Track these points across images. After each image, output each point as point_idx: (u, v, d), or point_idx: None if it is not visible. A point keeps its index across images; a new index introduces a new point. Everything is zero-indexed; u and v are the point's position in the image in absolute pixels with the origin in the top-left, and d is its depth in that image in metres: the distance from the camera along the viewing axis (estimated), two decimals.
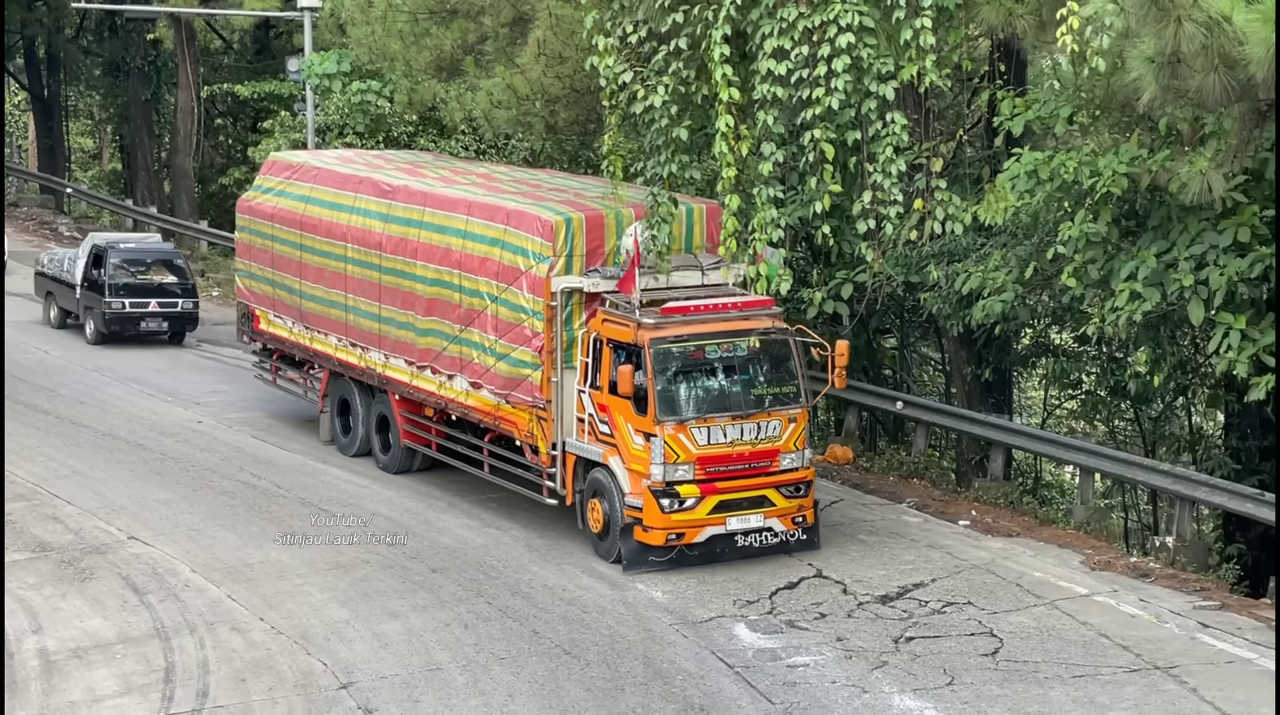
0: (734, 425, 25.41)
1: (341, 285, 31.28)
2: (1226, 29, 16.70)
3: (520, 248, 26.75)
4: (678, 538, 25.40)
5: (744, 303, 26.10)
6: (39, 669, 23.95)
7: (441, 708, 21.99)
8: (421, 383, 29.70)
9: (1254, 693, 21.77)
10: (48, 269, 46.05)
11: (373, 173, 31.62)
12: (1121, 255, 26.42)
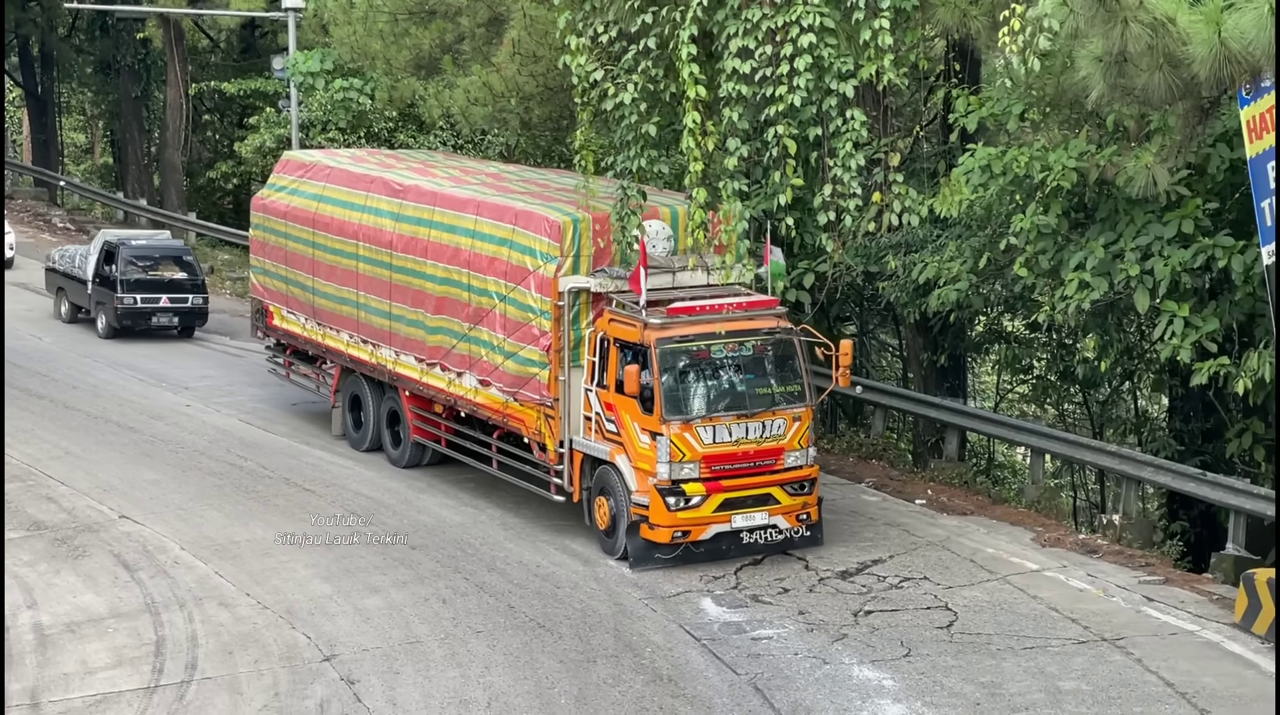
0: (739, 424, 24.72)
1: (353, 283, 30.71)
2: (1171, 30, 16.74)
3: (528, 247, 26.13)
4: (683, 535, 24.73)
5: (749, 303, 25.48)
6: (34, 642, 23.91)
7: (421, 679, 22.00)
8: (431, 380, 29.08)
9: (1196, 663, 21.86)
10: (58, 265, 45.36)
11: (384, 172, 31.08)
12: (1070, 246, 26.48)
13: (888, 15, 21.08)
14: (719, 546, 24.87)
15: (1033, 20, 19.40)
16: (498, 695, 21.45)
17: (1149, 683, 21.15)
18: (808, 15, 20.84)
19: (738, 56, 21.33)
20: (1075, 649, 22.34)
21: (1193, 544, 28.88)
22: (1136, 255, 25.51)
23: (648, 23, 22.06)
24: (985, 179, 27.01)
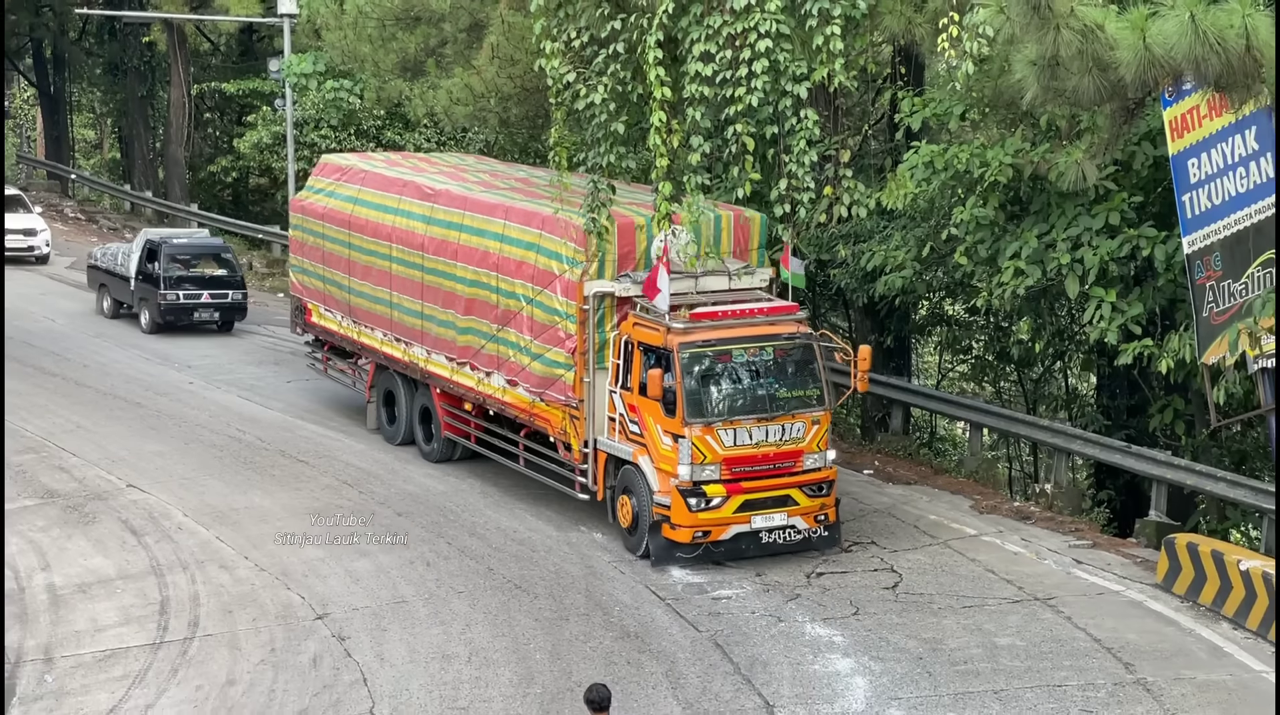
0: (759, 427, 23.49)
1: (387, 283, 29.73)
2: (1100, 36, 16.75)
3: (555, 252, 25.02)
4: (704, 535, 23.45)
5: (770, 308, 24.40)
6: (47, 602, 23.87)
7: (407, 635, 22.00)
8: (461, 378, 27.91)
9: (1121, 620, 21.96)
10: (100, 262, 43.87)
11: (416, 176, 30.00)
12: (1007, 236, 26.55)
13: (839, 22, 21.09)
14: (739, 546, 23.69)
15: (970, 27, 19.42)
16: (478, 650, 21.46)
17: (1078, 639, 21.25)
18: (765, 22, 20.84)
19: (700, 60, 21.32)
20: (1010, 608, 22.42)
21: (1118, 511, 29.00)
22: (1067, 245, 25.59)
23: (616, 29, 22.04)
24: (928, 174, 27.07)
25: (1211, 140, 22.78)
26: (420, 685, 20.52)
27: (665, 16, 21.18)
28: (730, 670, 20.56)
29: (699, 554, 23.47)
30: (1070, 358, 32.43)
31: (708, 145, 22.04)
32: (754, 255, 25.33)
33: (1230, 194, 22.69)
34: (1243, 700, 19.39)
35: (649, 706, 19.55)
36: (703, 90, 21.43)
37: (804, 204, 22.33)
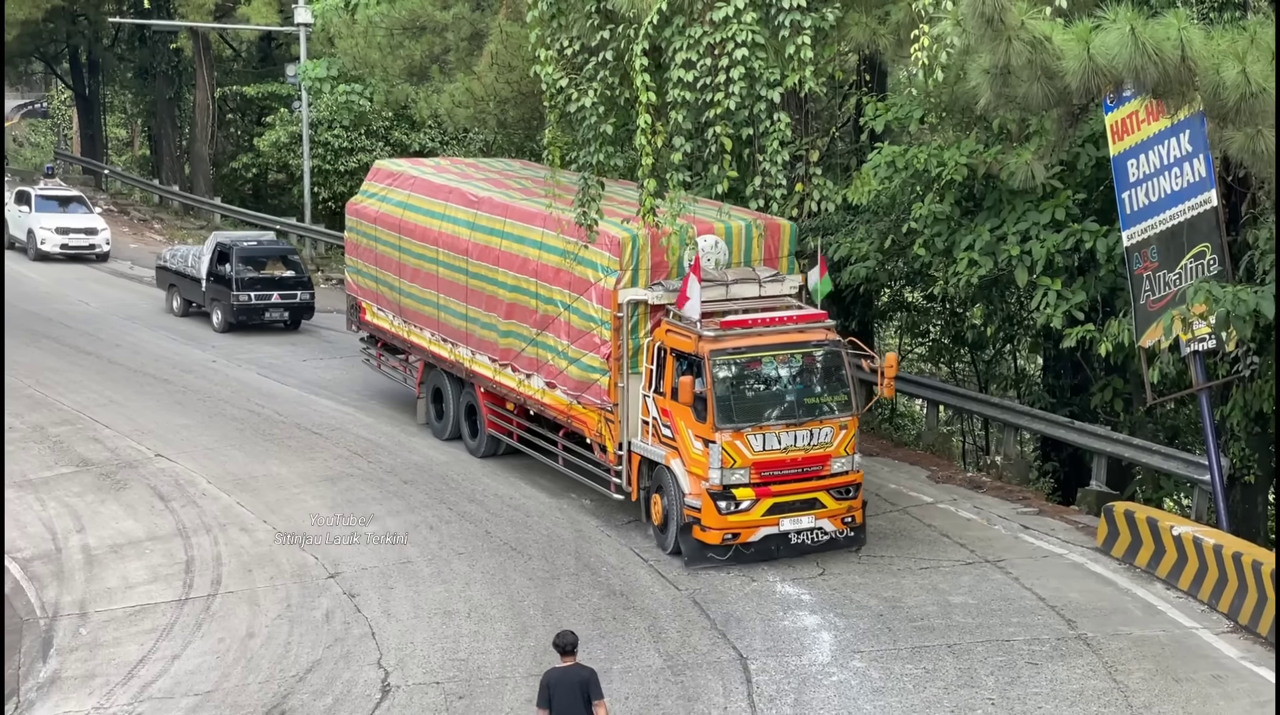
0: (788, 432, 22.03)
1: (434, 286, 28.64)
2: (1048, 47, 16.75)
3: (590, 261, 23.76)
4: (734, 537, 21.97)
5: (799, 316, 22.86)
6: (82, 561, 23.87)
7: (411, 593, 22.01)
8: (503, 379, 26.58)
9: (1064, 580, 22.01)
10: (170, 264, 42.22)
11: (462, 183, 28.67)
12: (961, 230, 26.56)
13: (809, 33, 21.07)
14: (769, 547, 22.23)
15: (935, 38, 19.42)
16: (476, 607, 21.48)
17: (1025, 597, 21.29)
18: (742, 33, 20.82)
19: (682, 67, 21.30)
20: (963, 569, 22.46)
21: (1062, 481, 29.05)
22: (1017, 238, 25.61)
23: (605, 38, 22.02)
24: (890, 173, 27.06)
25: (1149, 143, 22.82)
26: (424, 638, 20.53)
27: (650, 27, 21.15)
28: (707, 625, 20.59)
29: (729, 555, 22.14)
30: (1019, 341, 32.44)
31: (689, 145, 22.02)
32: (783, 263, 24.15)
33: (1166, 192, 22.74)
34: (1174, 654, 19.45)
35: (633, 658, 19.58)
36: (684, 95, 21.42)
37: (777, 199, 22.33)
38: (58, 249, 46.88)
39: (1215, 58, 16.48)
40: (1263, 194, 22.17)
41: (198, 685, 19.64)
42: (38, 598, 22.74)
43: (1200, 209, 22.29)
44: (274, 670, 19.86)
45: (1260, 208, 22.59)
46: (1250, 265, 22.22)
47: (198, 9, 55.56)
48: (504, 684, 18.99)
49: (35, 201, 48.05)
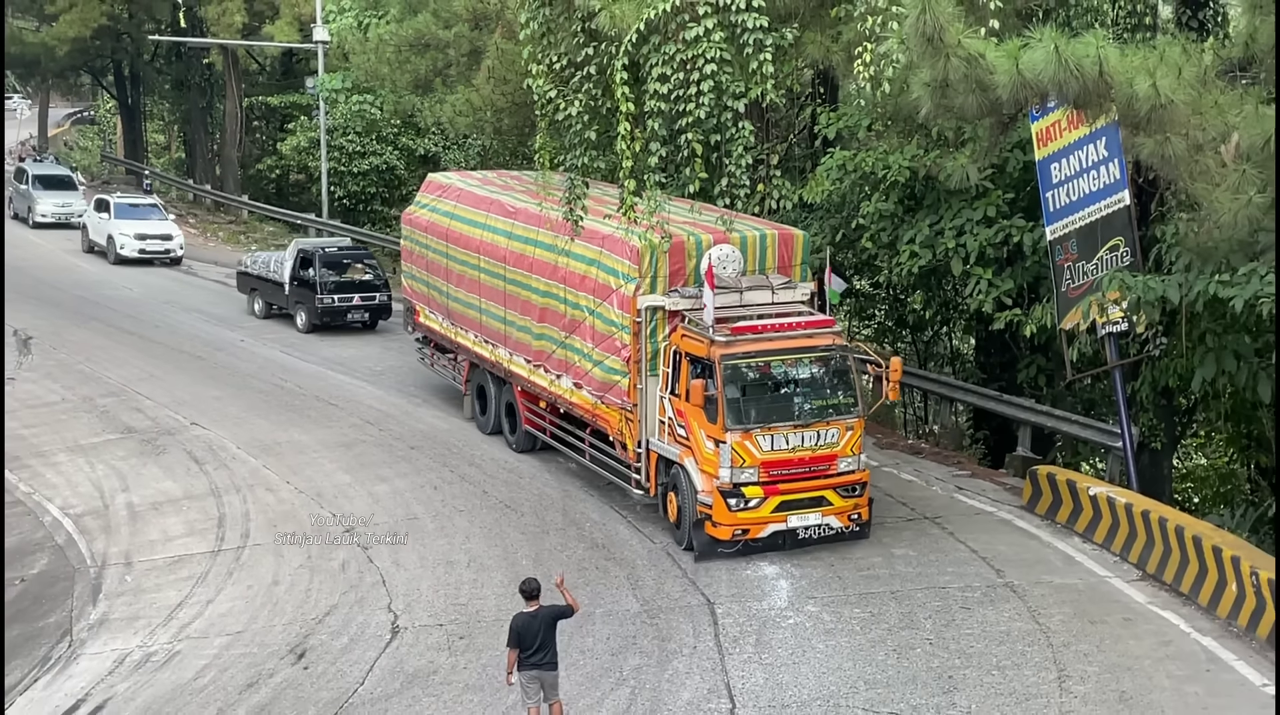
0: (795, 433, 20.63)
1: (477, 291, 27.15)
2: (981, 63, 16.76)
3: (612, 268, 22.62)
4: (743, 533, 20.60)
5: (807, 322, 21.49)
6: (126, 517, 23.85)
7: (417, 545, 22.02)
8: (536, 379, 25.17)
9: (994, 535, 22.08)
10: (251, 269, 39.91)
11: (501, 194, 27.23)
12: (904, 226, 26.60)
13: (770, 50, 21.05)
14: (777, 541, 20.91)
15: (882, 55, 19.42)
16: (475, 557, 21.50)
17: (959, 550, 21.37)
18: (711, 50, 20.79)
19: (658, 80, 21.25)
20: (905, 525, 22.50)
21: (992, 447, 29.13)
22: (953, 233, 25.66)
23: (590, 54, 21.98)
24: (841, 175, 27.10)
25: (1070, 148, 22.88)
26: (429, 585, 20.54)
27: (629, 44, 21.11)
28: (679, 574, 20.63)
29: (739, 549, 20.80)
30: (954, 324, 32.48)
31: (664, 150, 21.97)
32: (796, 271, 22.76)
33: (1084, 192, 22.81)
34: (1090, 600, 19.55)
35: (613, 603, 19.61)
36: (660, 105, 21.37)
37: (741, 198, 22.30)
38: (136, 253, 45.43)
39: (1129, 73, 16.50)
40: (1170, 194, 22.21)
41: (229, 626, 19.65)
42: (88, 549, 22.72)
43: (1115, 207, 22.36)
44: (296, 613, 19.88)
45: (1167, 206, 22.66)
46: (1159, 257, 22.28)
47: (228, 28, 55.39)
48: (500, 625, 18.97)
49: (115, 208, 46.67)
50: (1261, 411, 23.71)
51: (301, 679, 18.01)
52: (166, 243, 45.86)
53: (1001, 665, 17.49)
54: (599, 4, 21.30)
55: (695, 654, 18.07)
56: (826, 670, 17.49)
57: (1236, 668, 17.32)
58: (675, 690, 17.12)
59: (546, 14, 22.03)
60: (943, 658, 17.70)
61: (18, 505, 24.98)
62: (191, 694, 17.85)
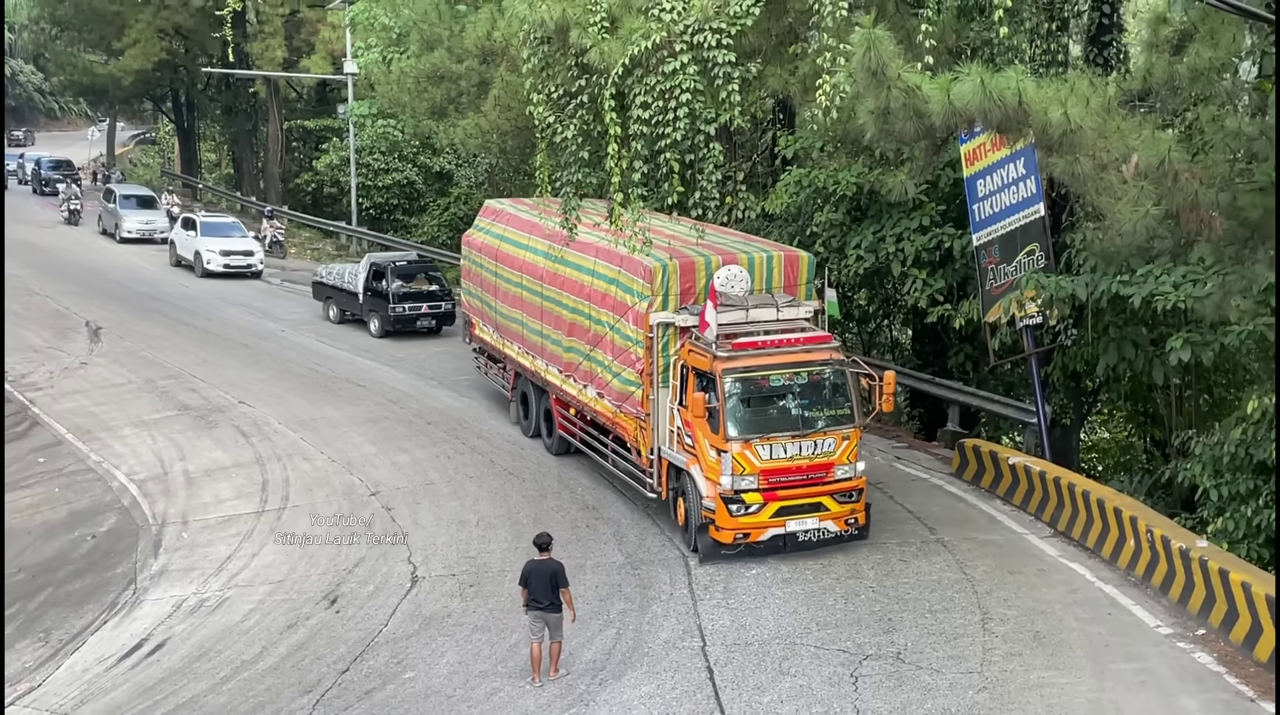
0: (793, 443, 19.13)
1: (519, 306, 25.65)
2: (918, 93, 16.71)
3: (629, 287, 21.34)
4: (744, 537, 19.10)
5: (805, 338, 19.91)
6: (183, 482, 23.83)
7: (433, 506, 22.03)
8: (567, 387, 23.62)
9: (928, 498, 22.12)
10: (326, 279, 38.01)
11: (542, 219, 24.98)
12: (851, 233, 26.59)
13: (737, 82, 21.01)
14: (777, 545, 19.34)
15: (833, 86, 19.41)
16: (483, 517, 21.52)
17: (897, 511, 21.40)
18: (686, 82, 20.76)
19: (641, 108, 21.21)
20: None
21: (925, 423, 29.12)
22: (893, 239, 25.68)
23: (583, 85, 21.92)
24: (797, 189, 27.09)
25: (993, 167, 22.91)
26: (443, 541, 20.57)
27: (616, 77, 21.07)
28: (658, 532, 20.66)
29: (740, 551, 19.28)
30: (894, 317, 32.47)
31: (646, 167, 21.90)
32: (801, 290, 21.41)
33: (1005, 204, 22.84)
34: (1009, 553, 19.62)
35: (601, 556, 19.64)
36: (642, 129, 21.32)
37: (712, 209, 22.26)
38: (220, 267, 43.55)
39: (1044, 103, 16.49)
40: (1078, 206, 22.26)
41: (272, 576, 19.66)
42: (150, 510, 22.71)
43: (1031, 218, 22.40)
44: (329, 565, 19.89)
45: (1076, 217, 22.69)
46: (1069, 260, 22.33)
47: (270, 62, 55.20)
48: (504, 575, 19.03)
49: (201, 227, 44.93)
50: (1155, 392, 23.80)
51: (334, 621, 18.03)
52: (248, 258, 44.16)
53: (933, 609, 17.56)
54: (590, 42, 21.25)
55: (672, 600, 18.11)
56: (784, 613, 17.54)
57: (1134, 611, 17.43)
58: (654, 630, 17.17)
59: (545, 51, 21.96)
60: (883, 603, 17.75)
61: (89, 472, 24.97)
62: (239, 634, 17.87)
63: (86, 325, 35.87)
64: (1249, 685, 15.21)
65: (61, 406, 28.83)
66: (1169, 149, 16.69)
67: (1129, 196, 16.90)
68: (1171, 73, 18.28)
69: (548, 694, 15.62)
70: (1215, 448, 19.22)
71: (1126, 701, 14.93)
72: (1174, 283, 19.35)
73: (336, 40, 52.74)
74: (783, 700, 15.16)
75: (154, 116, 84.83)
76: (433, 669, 16.43)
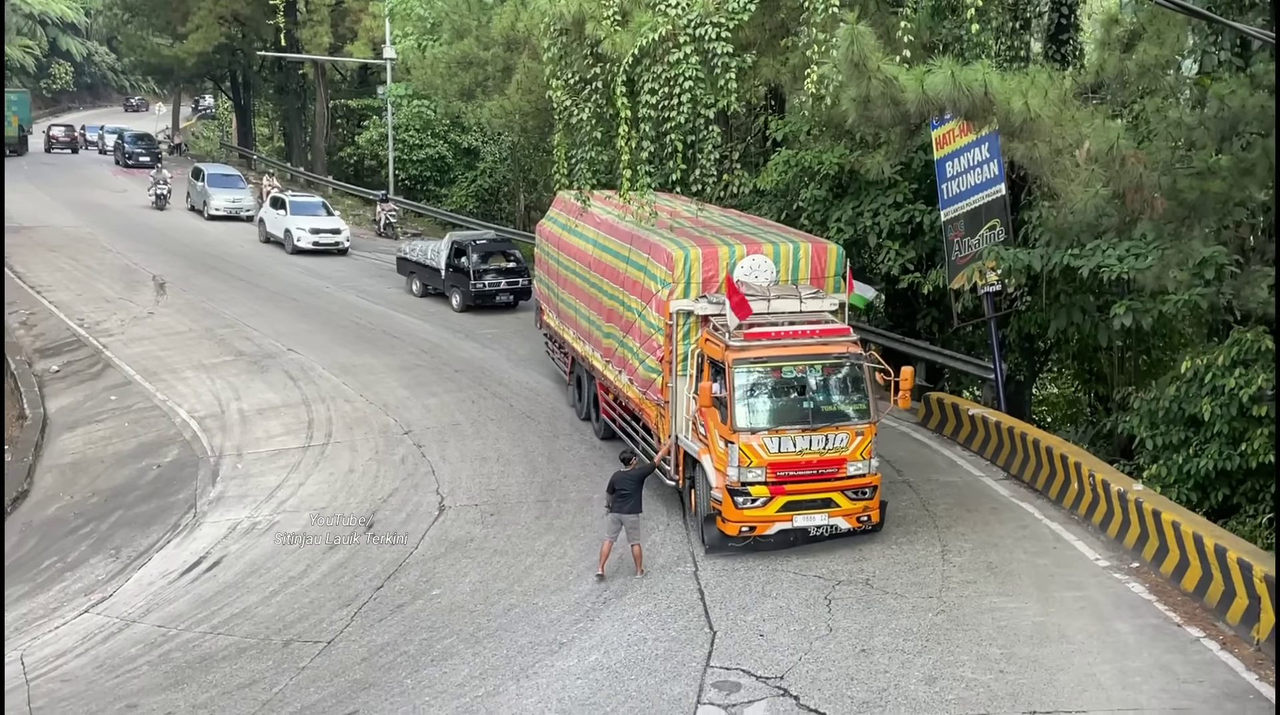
0: (803, 436, 16.83)
1: (573, 292, 24.18)
2: (895, 84, 16.63)
3: (654, 274, 19.37)
4: (750, 530, 16.95)
5: (822, 330, 17.59)
6: (238, 419, 23.87)
7: (459, 444, 22.07)
8: (607, 372, 21.53)
9: (896, 444, 22.03)
10: (410, 256, 36.14)
11: (600, 209, 23.56)
12: (833, 208, 26.48)
13: (734, 71, 20.86)
14: (787, 538, 17.19)
15: (820, 77, 19.30)
16: (503, 455, 21.56)
17: None
18: (688, 70, 20.62)
19: (648, 93, 21.07)
20: None
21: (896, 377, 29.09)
22: (870, 214, 25.57)
23: (597, 72, 21.78)
24: (786, 168, 26.95)
25: (961, 150, 22.79)
26: (467, 475, 20.62)
27: (627, 66, 20.93)
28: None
29: (749, 544, 17.14)
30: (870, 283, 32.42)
31: (652, 147, 21.80)
32: (829, 282, 19.24)
33: (971, 184, 22.74)
34: (967, 494, 19.66)
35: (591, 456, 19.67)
36: (649, 112, 21.20)
37: (710, 186, 22.16)
38: (310, 245, 41.37)
39: (1007, 94, 16.41)
40: (1035, 187, 22.17)
41: (316, 503, 19.73)
42: (209, 443, 22.77)
43: (993, 196, 22.30)
44: (367, 494, 19.96)
45: (1033, 196, 22.61)
46: (1026, 235, 22.26)
47: (318, 47, 54.97)
48: (520, 506, 19.11)
49: (290, 206, 42.99)
50: (1100, 353, 23.80)
51: (370, 544, 18.12)
52: (336, 236, 42.14)
53: (899, 541, 17.62)
54: (603, 34, 21.12)
55: (669, 529, 18.17)
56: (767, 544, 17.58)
57: (1076, 546, 17.49)
58: (652, 556, 17.24)
59: (563, 41, 21.83)
60: (855, 536, 17.80)
61: (155, 409, 25.02)
62: (287, 553, 17.96)
63: (154, 279, 35.85)
64: (1175, 612, 15.30)
65: (131, 351, 28.88)
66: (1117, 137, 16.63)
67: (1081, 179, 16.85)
68: (1121, 68, 18.19)
69: (558, 609, 15.71)
70: (1151, 403, 19.24)
71: (1067, 624, 15.02)
72: (1119, 256, 19.30)
73: (377, 28, 52.54)
74: (765, 619, 15.26)
75: (214, 94, 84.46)
76: (457, 586, 16.53)
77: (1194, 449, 18.43)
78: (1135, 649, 14.35)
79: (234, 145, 71.98)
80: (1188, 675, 13.73)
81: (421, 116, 51.17)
